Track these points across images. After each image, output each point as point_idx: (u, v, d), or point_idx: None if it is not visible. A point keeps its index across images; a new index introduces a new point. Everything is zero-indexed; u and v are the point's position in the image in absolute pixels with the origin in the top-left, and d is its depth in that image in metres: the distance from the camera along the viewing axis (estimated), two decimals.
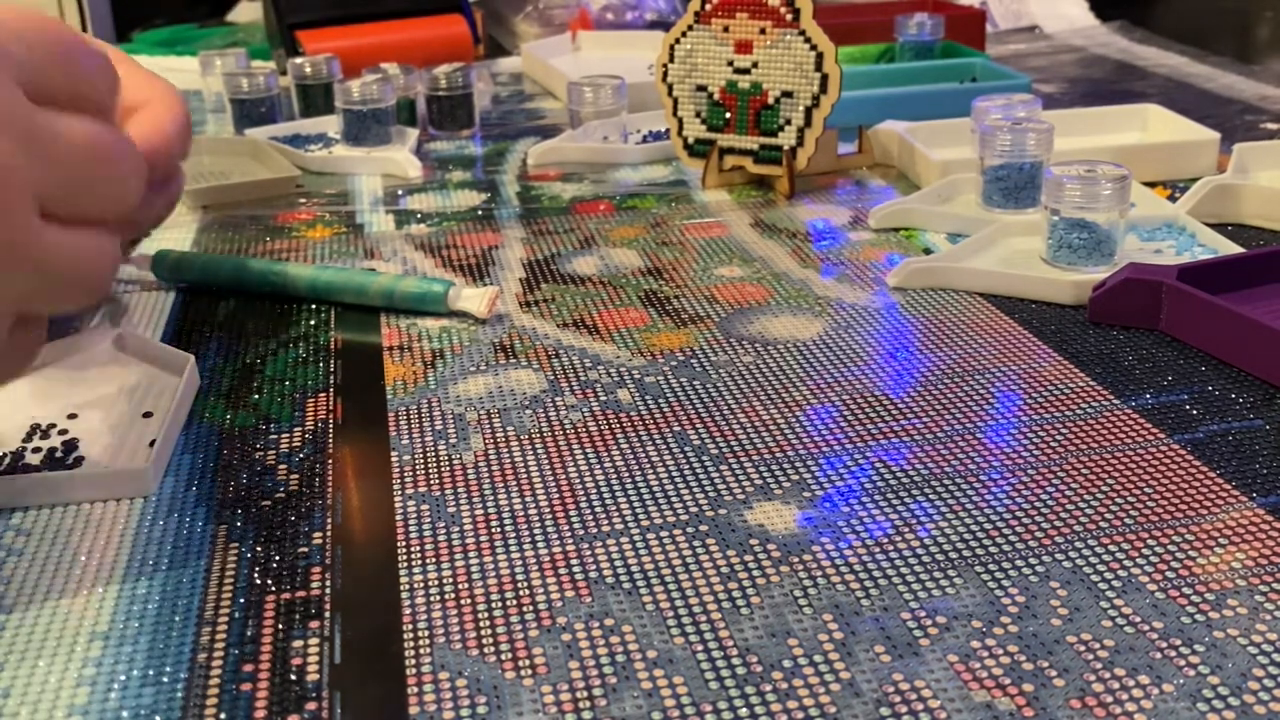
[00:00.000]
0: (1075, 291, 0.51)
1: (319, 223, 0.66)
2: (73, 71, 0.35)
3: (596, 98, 0.77)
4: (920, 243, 0.60)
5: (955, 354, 0.47)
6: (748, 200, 0.67)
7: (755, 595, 0.33)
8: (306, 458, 0.41)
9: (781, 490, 0.38)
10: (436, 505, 0.38)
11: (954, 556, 0.34)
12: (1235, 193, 0.60)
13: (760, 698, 0.29)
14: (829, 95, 0.65)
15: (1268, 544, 0.35)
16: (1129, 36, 1.13)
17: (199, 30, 1.24)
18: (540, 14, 1.16)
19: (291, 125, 0.82)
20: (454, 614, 0.33)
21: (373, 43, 1.00)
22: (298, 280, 0.54)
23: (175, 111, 0.49)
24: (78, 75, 0.35)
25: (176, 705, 0.30)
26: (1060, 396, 0.44)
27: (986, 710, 0.28)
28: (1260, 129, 0.79)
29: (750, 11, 0.66)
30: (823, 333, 0.50)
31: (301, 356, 0.49)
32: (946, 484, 0.38)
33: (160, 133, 0.47)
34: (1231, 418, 0.42)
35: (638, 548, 0.35)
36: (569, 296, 0.54)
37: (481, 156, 0.78)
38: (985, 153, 0.60)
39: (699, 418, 0.43)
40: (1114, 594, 0.33)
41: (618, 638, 0.31)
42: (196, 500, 0.39)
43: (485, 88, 1.00)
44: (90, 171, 0.34)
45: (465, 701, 0.29)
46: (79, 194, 0.34)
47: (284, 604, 0.33)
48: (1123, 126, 0.74)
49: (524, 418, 0.43)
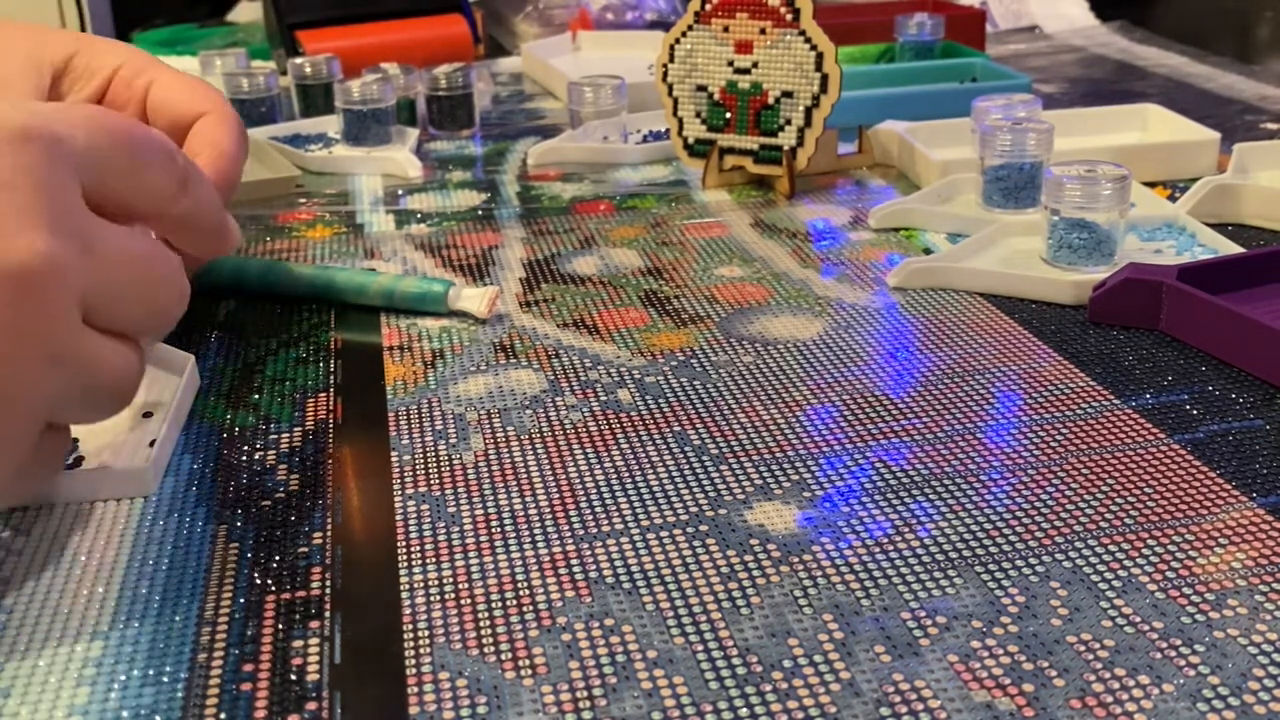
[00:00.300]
0: (1075, 291, 0.51)
1: (319, 223, 0.66)
2: (135, 168, 0.35)
3: (596, 98, 0.77)
4: (920, 243, 0.60)
5: (955, 354, 0.47)
6: (748, 200, 0.67)
7: (755, 595, 0.33)
8: (306, 458, 0.41)
9: (781, 490, 0.38)
10: (436, 505, 0.38)
11: (954, 556, 0.34)
12: (1235, 193, 0.60)
13: (760, 698, 0.29)
14: (829, 95, 0.65)
15: (1268, 544, 0.35)
16: (1129, 36, 1.13)
17: (199, 30, 1.24)
18: (540, 14, 1.16)
19: (291, 125, 0.82)
20: (454, 614, 0.33)
21: (373, 43, 1.00)
22: (298, 280, 0.54)
23: (233, 127, 0.50)
24: (140, 171, 0.35)
25: (176, 705, 0.30)
26: (1060, 396, 0.44)
27: (986, 710, 0.28)
28: (1260, 129, 0.79)
29: (750, 11, 0.66)
30: (823, 333, 0.50)
31: (301, 356, 0.49)
32: (946, 484, 0.38)
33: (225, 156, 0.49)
34: (1231, 418, 0.42)
35: (638, 548, 0.35)
36: (569, 296, 0.54)
37: (481, 156, 0.78)
38: (985, 153, 0.60)
39: (699, 418, 0.43)
40: (1114, 594, 0.33)
41: (618, 638, 0.31)
42: (196, 500, 0.39)
43: (485, 88, 1.00)
44: (136, 287, 0.34)
45: (465, 701, 0.29)
46: (122, 306, 0.34)
47: (284, 604, 0.33)
48: (1123, 126, 0.74)
49: (524, 418, 0.43)
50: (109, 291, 0.33)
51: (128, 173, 0.35)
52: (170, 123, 0.50)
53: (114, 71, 0.51)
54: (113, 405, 0.35)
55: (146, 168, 0.36)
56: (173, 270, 0.36)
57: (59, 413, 0.33)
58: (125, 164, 0.35)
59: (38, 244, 0.30)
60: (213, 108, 0.50)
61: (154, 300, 0.35)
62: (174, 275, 0.36)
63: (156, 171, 0.36)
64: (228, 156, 0.49)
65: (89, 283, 0.32)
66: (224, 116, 0.50)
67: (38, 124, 0.32)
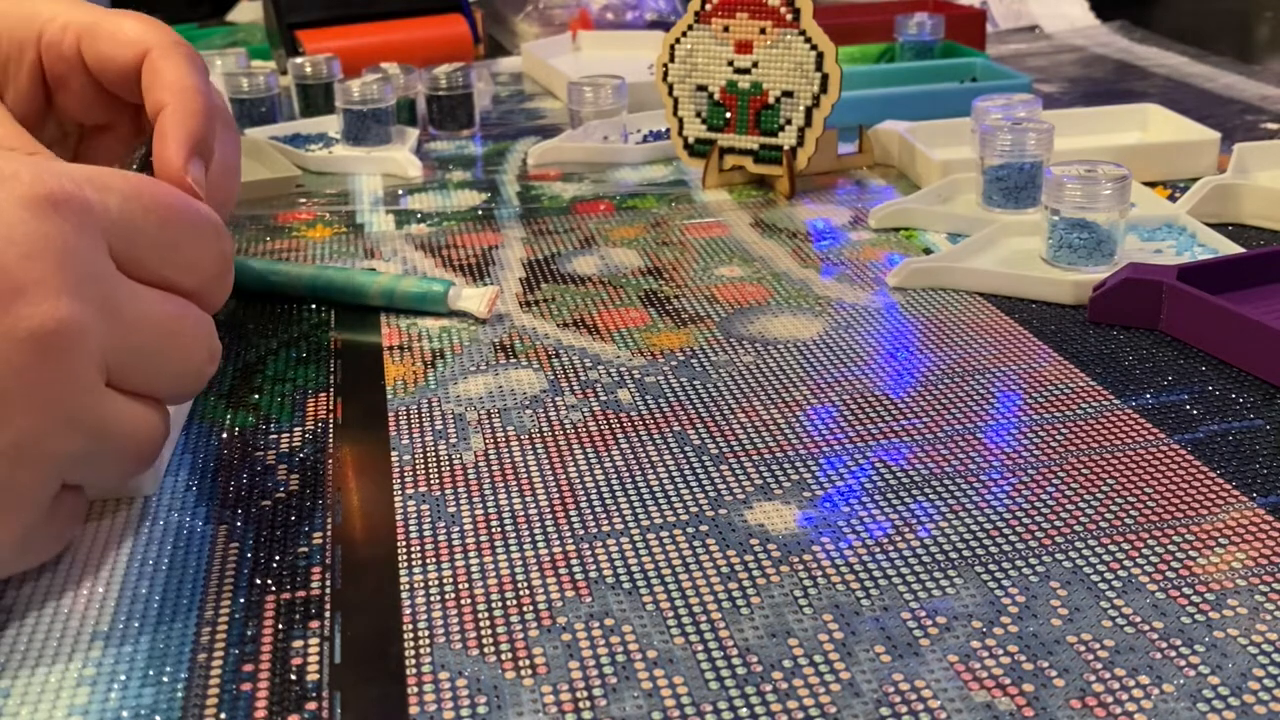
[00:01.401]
0: (1075, 291, 0.51)
1: (319, 223, 0.66)
2: (168, 237, 0.35)
3: (596, 98, 0.77)
4: (920, 243, 0.60)
5: (955, 354, 0.47)
6: (748, 200, 0.67)
7: (755, 595, 0.33)
8: (306, 458, 0.41)
9: (781, 490, 0.38)
10: (436, 505, 0.38)
11: (954, 556, 0.34)
12: (1235, 193, 0.60)
13: (760, 698, 0.29)
14: (829, 95, 0.65)
15: (1268, 544, 0.35)
16: (1129, 36, 1.13)
17: (199, 30, 1.24)
18: (540, 14, 1.16)
19: (291, 125, 0.82)
20: (454, 614, 0.33)
21: (373, 42, 1.00)
22: (298, 280, 0.54)
23: (184, 58, 0.44)
24: (173, 241, 0.35)
25: (176, 705, 0.30)
26: (1060, 396, 0.44)
27: (986, 710, 0.28)
28: (1260, 129, 0.79)
29: (750, 11, 0.66)
30: (823, 333, 0.50)
31: (301, 356, 0.49)
32: (946, 484, 0.38)
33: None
34: (1231, 418, 0.42)
35: (638, 548, 0.35)
36: (569, 296, 0.54)
37: (481, 156, 0.78)
38: (985, 153, 0.60)
39: (699, 418, 0.43)
40: (1114, 594, 0.33)
41: (618, 638, 0.31)
42: (196, 500, 0.39)
43: (485, 88, 1.00)
44: (163, 349, 0.34)
45: (465, 701, 0.29)
46: (147, 368, 0.34)
47: (284, 604, 0.33)
48: (1123, 126, 0.74)
49: (524, 418, 0.43)
50: (133, 354, 0.33)
51: (166, 244, 0.35)
52: (118, 75, 0.45)
53: (38, 39, 0.45)
54: (133, 467, 0.35)
55: (187, 242, 0.35)
56: (202, 331, 0.36)
57: (75, 473, 0.33)
58: (161, 233, 0.34)
59: (60, 310, 0.30)
60: (153, 40, 0.44)
61: (182, 362, 0.35)
62: (203, 336, 0.36)
63: (201, 246, 0.36)
64: (193, 91, 0.43)
65: (112, 346, 0.32)
66: (167, 49, 0.44)
67: (68, 190, 0.32)
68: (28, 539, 0.32)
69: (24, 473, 0.31)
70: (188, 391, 0.36)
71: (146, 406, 0.34)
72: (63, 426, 0.31)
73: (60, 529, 0.34)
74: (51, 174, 0.32)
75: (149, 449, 0.35)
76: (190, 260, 0.36)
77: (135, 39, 0.44)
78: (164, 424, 0.35)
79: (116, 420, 0.33)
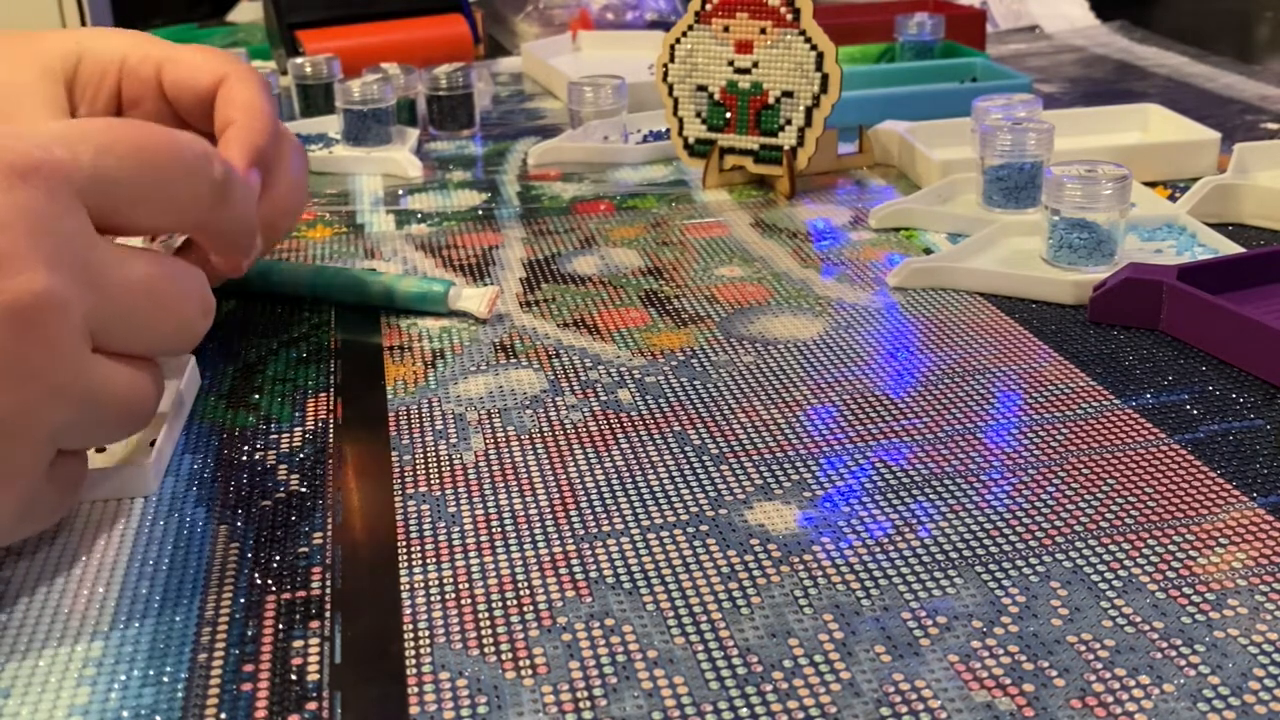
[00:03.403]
0: (1075, 291, 0.51)
1: (319, 223, 0.66)
2: (159, 182, 0.34)
3: (596, 98, 0.77)
4: (920, 243, 0.60)
5: (955, 354, 0.47)
6: (748, 200, 0.67)
7: (755, 595, 0.33)
8: (306, 458, 0.41)
9: (782, 490, 0.38)
10: (437, 505, 0.38)
11: (954, 556, 0.34)
12: (1235, 193, 0.60)
13: (760, 698, 0.29)
14: (829, 95, 0.65)
15: (1268, 544, 0.35)
16: (1129, 36, 1.13)
17: (199, 30, 1.24)
18: (540, 14, 1.16)
19: (292, 125, 0.82)
20: (454, 614, 0.33)
21: (373, 43, 1.00)
22: (298, 280, 0.54)
23: (255, 82, 0.48)
24: (164, 185, 0.34)
25: (176, 705, 0.30)
26: (1060, 396, 0.44)
27: (986, 710, 0.28)
28: (1260, 129, 0.79)
29: (750, 11, 0.66)
30: (823, 333, 0.50)
31: (301, 356, 0.49)
32: (946, 484, 0.38)
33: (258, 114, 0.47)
34: (1231, 418, 0.42)
35: (638, 548, 0.35)
36: (569, 296, 0.54)
37: (481, 156, 0.78)
38: (985, 153, 0.60)
39: (699, 418, 0.43)
40: (1114, 594, 0.33)
41: (618, 638, 0.31)
42: (197, 500, 0.39)
43: (485, 88, 1.00)
44: (149, 309, 0.34)
45: (465, 701, 0.29)
46: (134, 329, 0.34)
47: (284, 604, 0.33)
48: (1123, 126, 0.74)
49: (524, 418, 0.43)
50: (118, 319, 0.33)
51: (150, 187, 0.34)
52: (194, 100, 0.49)
53: (120, 66, 0.49)
54: (128, 427, 0.35)
55: (172, 181, 0.35)
56: (192, 286, 0.35)
57: (70, 440, 0.33)
58: (143, 178, 0.34)
59: (35, 283, 0.30)
60: (230, 69, 0.48)
61: (171, 319, 0.35)
62: (194, 291, 0.36)
63: (188, 182, 0.35)
64: (260, 112, 0.47)
65: (95, 311, 0.32)
66: (243, 75, 0.48)
67: (35, 155, 0.31)
68: (28, 507, 0.33)
69: (16, 446, 0.31)
70: (182, 348, 0.36)
71: (136, 368, 0.34)
72: (50, 398, 0.31)
73: (60, 495, 0.34)
74: (16, 140, 0.31)
75: (142, 410, 0.34)
76: (183, 196, 0.35)
77: (214, 67, 0.49)
78: (157, 382, 0.35)
79: (105, 385, 0.33)
